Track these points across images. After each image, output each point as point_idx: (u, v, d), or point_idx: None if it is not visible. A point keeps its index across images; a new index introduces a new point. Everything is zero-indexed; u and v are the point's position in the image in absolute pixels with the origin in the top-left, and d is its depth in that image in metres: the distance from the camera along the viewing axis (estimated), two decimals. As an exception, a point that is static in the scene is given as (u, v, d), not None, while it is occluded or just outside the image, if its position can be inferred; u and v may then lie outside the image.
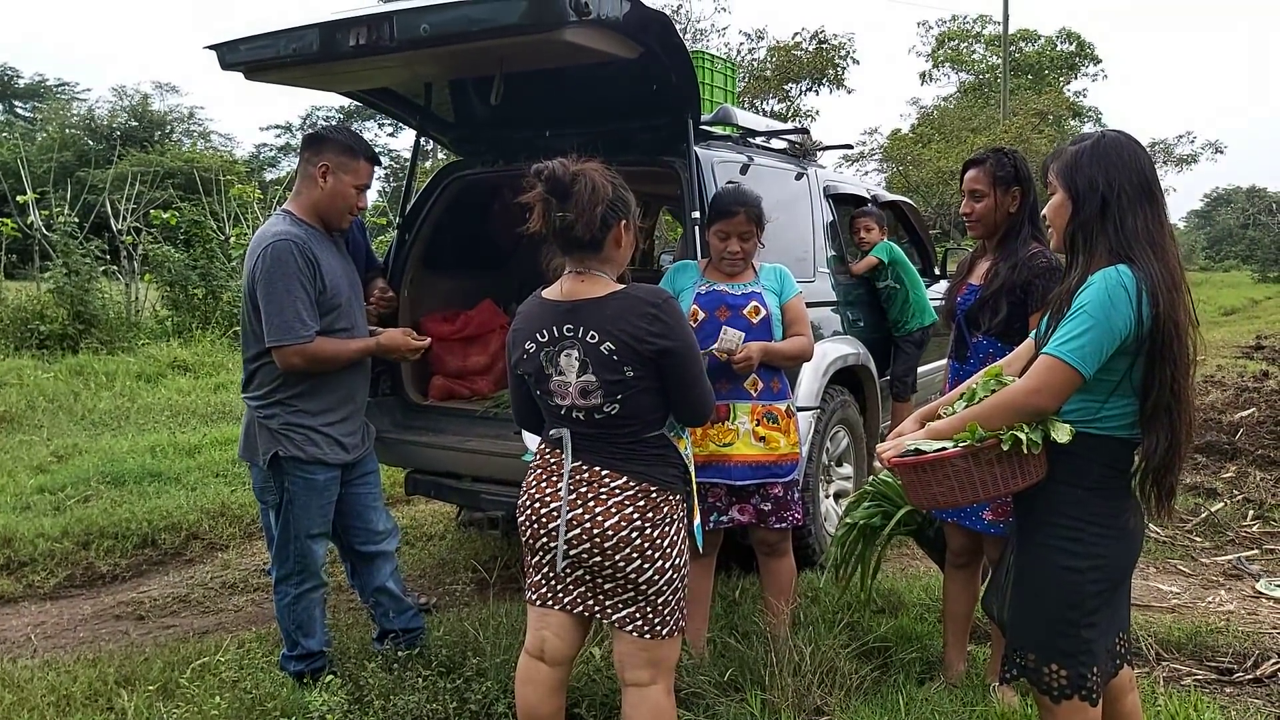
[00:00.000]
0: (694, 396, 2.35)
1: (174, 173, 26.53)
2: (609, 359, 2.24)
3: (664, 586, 2.32)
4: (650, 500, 2.30)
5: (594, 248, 2.29)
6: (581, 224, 2.23)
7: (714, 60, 4.97)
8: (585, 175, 2.23)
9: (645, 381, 2.27)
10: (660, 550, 2.30)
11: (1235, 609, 4.07)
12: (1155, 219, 2.07)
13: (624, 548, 2.27)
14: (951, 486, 2.14)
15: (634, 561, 2.28)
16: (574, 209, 2.22)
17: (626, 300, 2.27)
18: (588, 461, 2.33)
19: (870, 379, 4.88)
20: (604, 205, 2.24)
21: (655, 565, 2.30)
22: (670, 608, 2.36)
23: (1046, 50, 37.32)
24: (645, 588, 2.31)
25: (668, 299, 2.30)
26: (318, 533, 3.17)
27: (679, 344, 2.27)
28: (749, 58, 23.38)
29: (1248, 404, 8.07)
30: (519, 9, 2.90)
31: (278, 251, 2.96)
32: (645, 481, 2.31)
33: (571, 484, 2.33)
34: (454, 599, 4.28)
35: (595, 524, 2.27)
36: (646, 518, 2.29)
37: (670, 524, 2.34)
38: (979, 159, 3.12)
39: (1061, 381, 2.03)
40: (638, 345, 2.23)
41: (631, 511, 2.28)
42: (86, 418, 8.07)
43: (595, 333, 2.25)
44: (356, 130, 3.32)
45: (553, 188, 2.22)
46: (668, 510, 2.34)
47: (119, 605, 4.38)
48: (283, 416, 3.06)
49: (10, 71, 44.24)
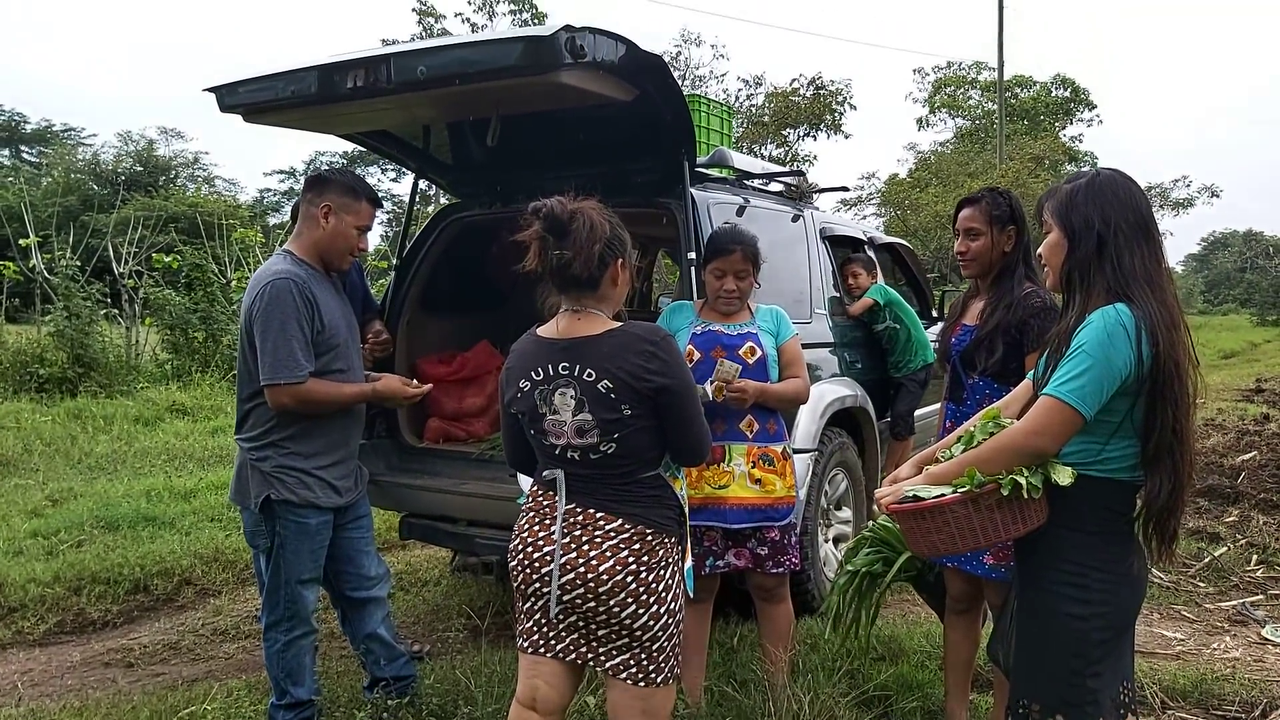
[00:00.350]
0: (691, 436, 2.31)
1: (177, 217, 26.74)
2: (606, 397, 2.21)
3: (659, 632, 2.28)
4: (646, 544, 2.26)
5: (591, 286, 2.28)
6: (579, 262, 2.22)
7: (709, 104, 5.01)
8: (583, 213, 2.23)
9: (642, 420, 2.24)
10: (656, 595, 2.26)
11: (1241, 656, 4.00)
12: (1153, 257, 2.05)
13: (619, 592, 2.22)
14: (952, 534, 2.10)
15: (629, 607, 2.23)
16: (571, 247, 2.21)
17: (624, 337, 2.24)
18: (582, 504, 2.29)
19: (869, 421, 4.85)
20: (601, 243, 2.23)
21: (650, 610, 2.25)
22: (665, 654, 2.31)
23: (1041, 96, 37.75)
24: (640, 634, 2.26)
25: (666, 336, 2.29)
26: (309, 578, 3.12)
27: (677, 382, 2.25)
28: (747, 103, 23.66)
29: (1249, 447, 8.02)
30: (516, 51, 2.93)
31: (277, 290, 2.95)
32: (641, 524, 2.27)
33: (565, 527, 2.28)
34: (447, 646, 4.22)
35: (590, 568, 2.23)
36: (642, 562, 2.24)
37: (666, 568, 2.29)
38: (974, 198, 3.11)
39: (1062, 423, 1.99)
40: (635, 383, 2.20)
41: (627, 555, 2.23)
42: (83, 461, 8.04)
43: (592, 370, 2.22)
44: (360, 175, 3.32)
45: (550, 226, 2.22)
46: (663, 554, 2.29)
47: (108, 652, 4.31)
48: (275, 459, 3.02)
49: (17, 117, 44.78)
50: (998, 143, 29.54)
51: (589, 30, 2.99)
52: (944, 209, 23.17)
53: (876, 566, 3.19)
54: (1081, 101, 37.97)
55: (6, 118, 44.26)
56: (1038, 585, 2.15)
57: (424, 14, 23.66)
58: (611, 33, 3.09)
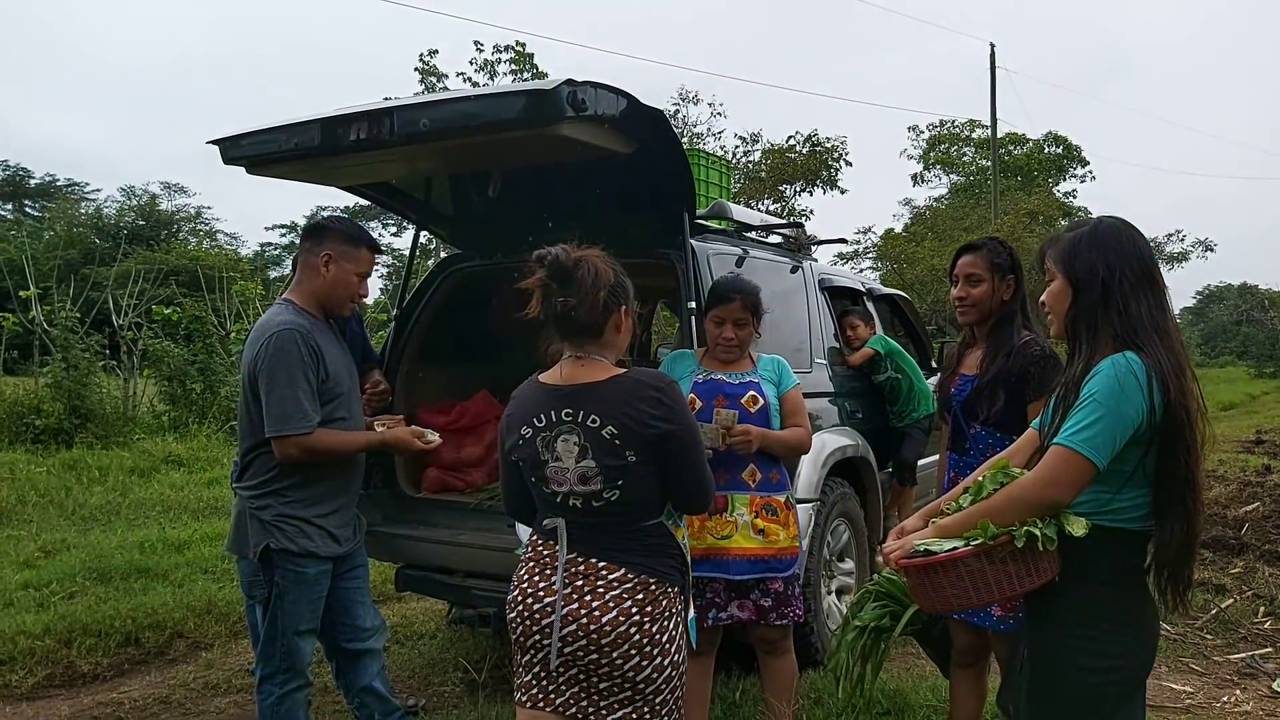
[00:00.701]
0: (695, 484, 2.30)
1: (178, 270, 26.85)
2: (610, 443, 2.20)
3: (662, 685, 2.24)
4: (649, 594, 2.23)
5: (594, 333, 2.28)
6: (583, 309, 2.23)
7: (708, 157, 5.08)
8: (587, 261, 2.24)
9: (647, 467, 2.22)
10: (659, 646, 2.22)
11: (1253, 709, 3.94)
12: (1158, 305, 2.04)
13: (622, 644, 2.18)
14: (965, 588, 2.05)
15: (632, 659, 2.19)
16: (576, 294, 2.22)
17: (628, 384, 2.23)
18: (584, 553, 2.26)
19: (870, 470, 4.83)
20: (605, 290, 2.24)
21: (654, 663, 2.21)
22: (669, 708, 2.28)
23: (1035, 153, 38.28)
24: (643, 686, 2.22)
25: (670, 383, 2.28)
26: (306, 629, 3.07)
27: (682, 428, 2.24)
28: (745, 160, 23.94)
29: (1252, 498, 7.98)
30: (519, 105, 2.97)
31: (282, 340, 2.95)
32: (644, 574, 2.24)
33: (567, 577, 2.25)
34: (443, 700, 4.14)
35: (592, 619, 2.19)
36: (645, 612, 2.21)
37: (669, 618, 2.26)
38: (974, 245, 3.14)
39: (1074, 473, 1.96)
40: (640, 429, 2.19)
41: (630, 606, 2.20)
42: (77, 512, 7.97)
43: (596, 416, 2.21)
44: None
45: (555, 273, 2.22)
46: (666, 604, 2.26)
47: (98, 706, 4.23)
48: (276, 508, 2.99)
49: (22, 172, 45.26)
50: (992, 198, 29.89)
51: (590, 84, 3.04)
52: (939, 263, 23.31)
53: (884, 621, 3.12)
54: (1074, 158, 38.50)
55: (11, 172, 44.77)
56: (1049, 638, 2.11)
57: (426, 73, 24.04)
58: (613, 87, 3.14)
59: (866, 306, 5.77)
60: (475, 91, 3.49)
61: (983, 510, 2.06)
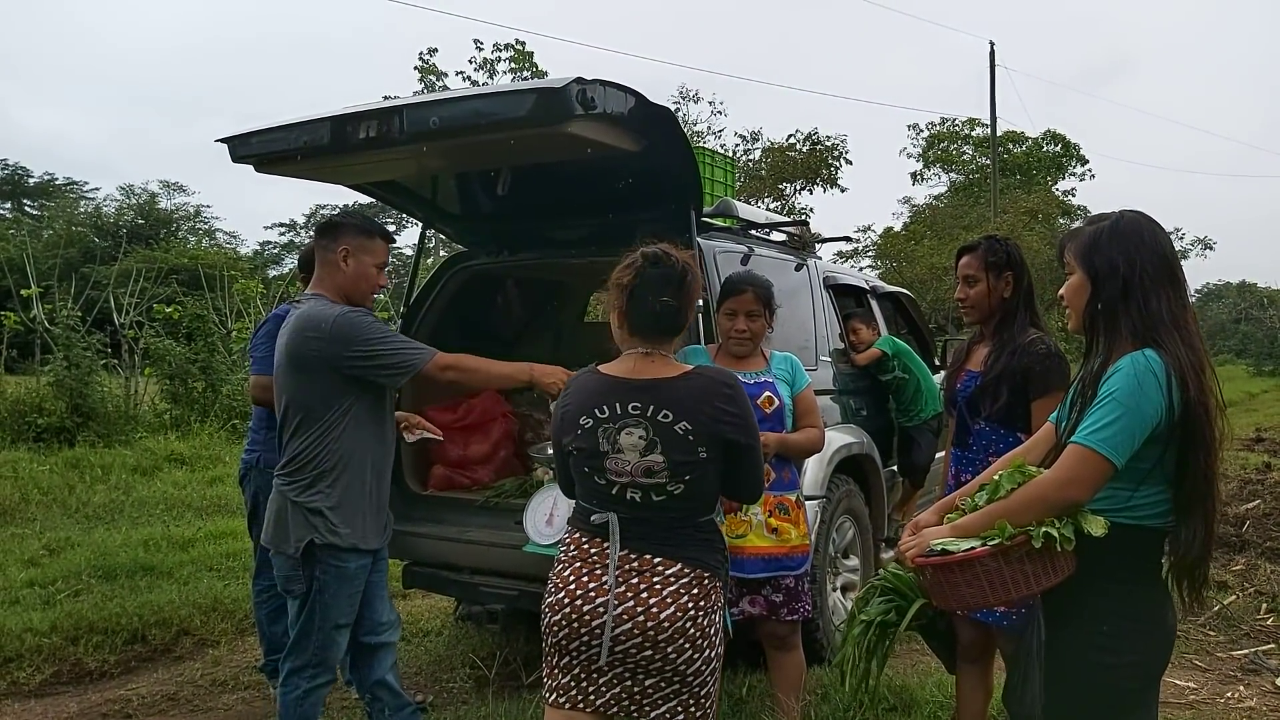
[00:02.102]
0: (755, 478, 2.40)
1: (178, 269, 26.84)
2: (684, 439, 2.22)
3: (708, 676, 2.29)
4: (704, 588, 2.27)
5: (676, 334, 2.36)
6: (686, 312, 2.34)
7: (713, 155, 5.09)
8: (692, 267, 2.35)
9: (715, 463, 2.27)
10: (708, 639, 2.27)
11: (1256, 705, 3.96)
12: (1178, 300, 2.02)
13: (678, 639, 2.21)
14: (981, 587, 2.05)
15: (685, 652, 2.22)
16: (679, 298, 2.30)
17: (702, 381, 2.29)
18: (636, 549, 2.26)
19: (875, 469, 4.85)
20: (699, 296, 2.38)
21: (704, 655, 2.26)
22: (712, 699, 2.33)
23: (1034, 151, 38.32)
24: (691, 679, 2.26)
25: (738, 382, 2.35)
26: (345, 623, 3.07)
27: (751, 426, 2.33)
28: (745, 158, 23.96)
29: (1252, 496, 7.99)
30: (528, 103, 2.98)
31: (350, 316, 2.99)
32: (699, 568, 2.28)
33: (620, 575, 2.24)
34: (451, 696, 4.16)
35: (649, 615, 2.19)
36: (700, 606, 2.25)
37: (717, 611, 2.32)
38: (972, 246, 3.18)
39: (1093, 472, 1.95)
40: (713, 426, 2.24)
41: (687, 600, 2.23)
42: (80, 511, 7.98)
43: (669, 411, 2.23)
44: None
45: (668, 277, 2.29)
46: (715, 597, 2.31)
47: (106, 703, 4.24)
48: (325, 495, 2.97)
49: (20, 171, 45.18)
50: (992, 197, 29.91)
51: (599, 82, 3.05)
52: (938, 261, 23.38)
53: (890, 616, 3.12)
54: (1073, 156, 38.53)
55: (9, 171, 44.69)
56: (1068, 636, 2.10)
57: (426, 72, 24.05)
58: (621, 85, 3.16)
59: (870, 305, 5.78)
60: (485, 90, 3.50)
61: (1000, 510, 2.05)
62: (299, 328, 3.03)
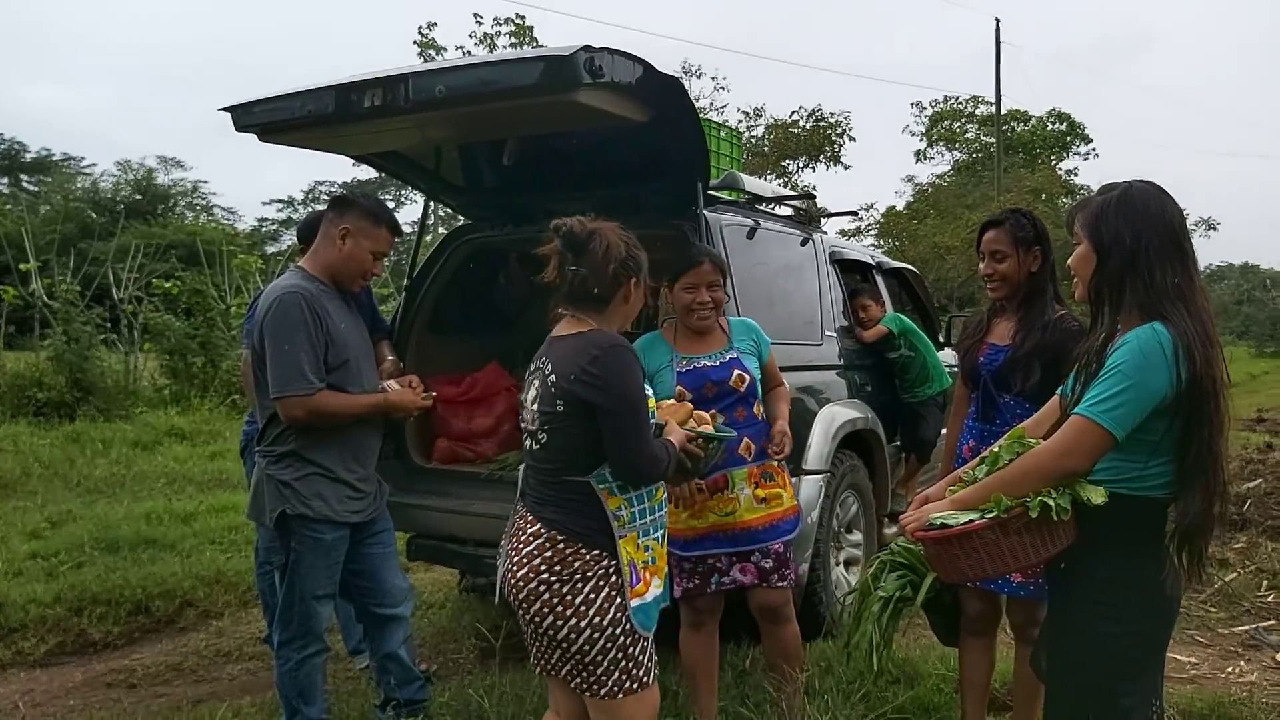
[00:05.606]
0: (622, 454, 2.23)
1: (176, 245, 26.74)
2: (549, 391, 2.27)
3: (587, 647, 2.20)
4: (557, 552, 2.22)
5: (600, 303, 2.35)
6: (594, 280, 2.31)
7: (720, 128, 5.04)
8: (600, 234, 2.31)
9: (572, 421, 2.24)
10: (574, 609, 2.19)
11: (1257, 680, 3.97)
12: (1184, 273, 2.01)
13: (534, 601, 2.21)
14: (980, 559, 2.06)
15: (547, 618, 2.21)
16: (587, 265, 2.30)
17: (580, 340, 2.29)
18: (523, 502, 2.35)
19: (879, 443, 4.84)
20: (616, 264, 2.31)
21: (570, 624, 2.19)
22: (604, 670, 2.23)
23: (1038, 130, 38.11)
24: (568, 647, 2.22)
25: (614, 346, 2.26)
26: (323, 594, 3.08)
27: (607, 397, 2.21)
28: (747, 135, 23.82)
29: (1254, 475, 8.00)
30: (536, 71, 2.95)
31: (284, 305, 2.96)
32: (554, 530, 2.24)
33: (509, 526, 2.37)
34: (456, 667, 4.17)
35: (511, 573, 2.27)
36: (554, 571, 2.20)
37: (583, 582, 2.21)
38: (997, 220, 3.10)
39: (1093, 444, 1.95)
40: (568, 383, 2.23)
41: (539, 563, 2.22)
42: (82, 484, 7.99)
43: (551, 364, 2.30)
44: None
45: (569, 243, 2.31)
46: (580, 566, 2.21)
47: (110, 673, 4.26)
48: (294, 469, 3.00)
49: (17, 146, 44.90)
50: (995, 175, 29.79)
51: (607, 51, 3.01)
52: (942, 240, 23.31)
53: (905, 591, 3.08)
54: (1077, 135, 38.34)
55: (6, 146, 44.38)
56: (1071, 606, 2.12)
57: (426, 46, 23.86)
58: (629, 54, 3.12)
59: (876, 281, 5.75)
60: (491, 57, 3.45)
61: (998, 482, 2.06)
62: (261, 300, 3.08)
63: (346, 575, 3.17)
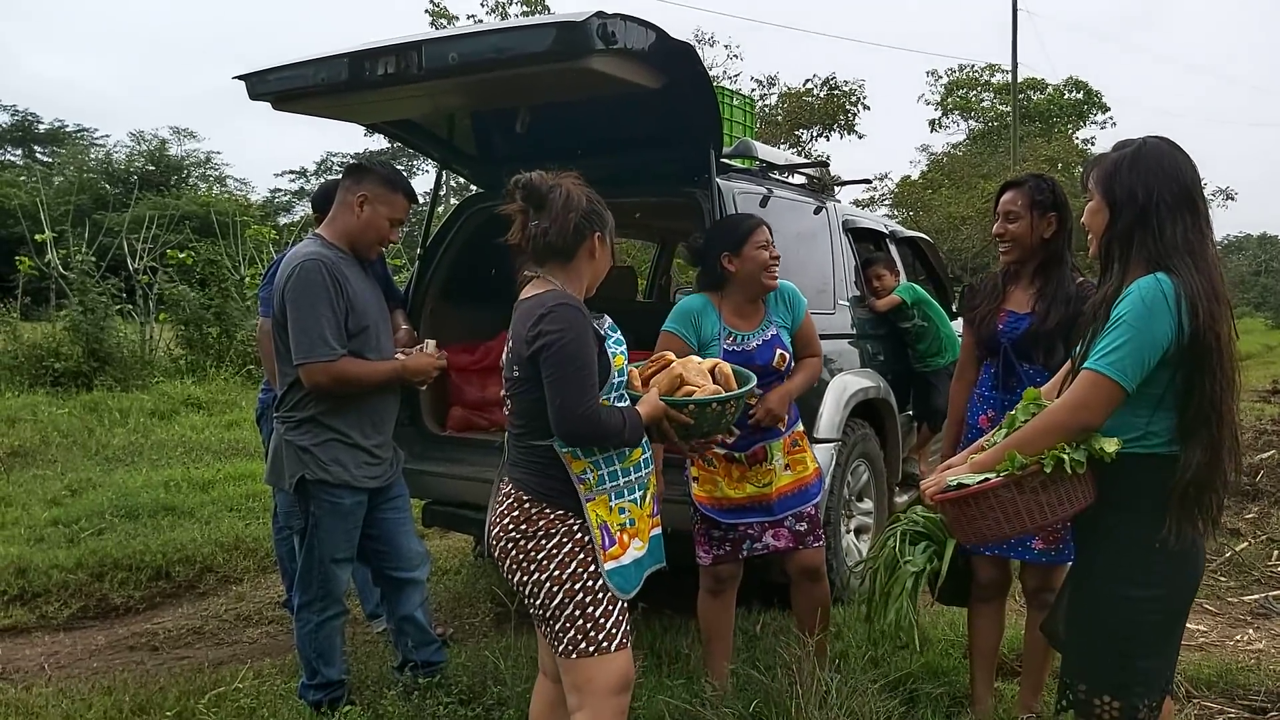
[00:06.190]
0: (560, 413, 2.17)
1: (190, 216, 26.79)
2: (509, 357, 2.31)
3: (547, 601, 2.23)
4: (523, 511, 2.27)
5: (564, 256, 2.32)
6: (554, 232, 2.28)
7: (733, 95, 5.02)
8: (561, 186, 2.30)
9: (528, 385, 2.25)
10: (539, 566, 2.23)
11: (1265, 648, 3.99)
12: (1195, 228, 2.01)
13: (505, 559, 2.28)
14: (997, 518, 2.08)
15: (515, 574, 2.27)
16: (548, 218, 2.28)
17: (534, 301, 2.27)
18: (506, 469, 2.40)
19: (890, 413, 4.85)
20: (578, 214, 2.29)
21: (533, 579, 2.24)
22: (561, 626, 2.23)
23: (1055, 98, 37.67)
24: (535, 603, 2.26)
25: (560, 305, 2.21)
26: (342, 557, 3.14)
27: (546, 355, 2.16)
28: (761, 104, 23.63)
29: (1267, 446, 7.98)
30: (549, 37, 2.94)
31: (305, 271, 2.99)
32: (521, 490, 2.29)
33: (495, 489, 2.44)
34: (472, 630, 4.24)
35: (489, 532, 2.35)
36: (521, 529, 2.26)
37: (546, 539, 2.23)
38: (1018, 181, 3.05)
39: (1105, 396, 1.97)
40: (521, 346, 2.24)
41: (507, 522, 2.28)
42: (100, 453, 8.08)
43: (513, 330, 2.32)
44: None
45: (528, 196, 2.30)
46: (545, 525, 2.24)
47: (133, 636, 4.34)
48: (313, 435, 3.04)
49: (31, 117, 44.93)
50: (1011, 144, 29.49)
51: (620, 17, 3.01)
52: (956, 210, 23.12)
53: (934, 562, 3.02)
54: (1095, 104, 37.88)
55: (19, 118, 44.42)
56: (1091, 567, 2.13)
57: (437, 14, 23.71)
58: (642, 20, 3.11)
59: (889, 250, 5.74)
60: (504, 24, 3.45)
61: (1015, 441, 2.07)
62: (283, 267, 3.09)
63: (363, 540, 3.22)
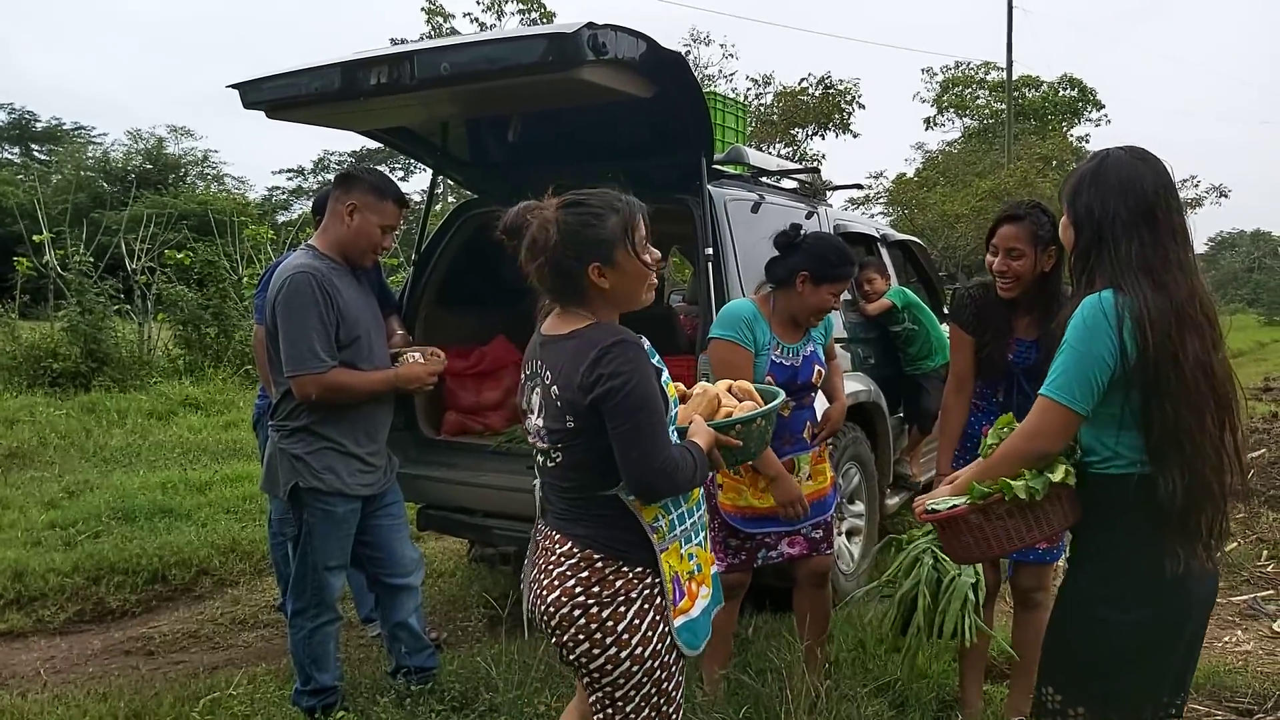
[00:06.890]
0: (635, 466, 1.90)
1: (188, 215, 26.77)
2: (555, 406, 1.98)
3: (621, 680, 1.97)
4: (596, 572, 1.96)
5: (571, 294, 2.03)
6: (549, 275, 2.00)
7: (725, 101, 5.05)
8: (527, 224, 1.99)
9: (586, 437, 1.95)
10: (614, 635, 1.94)
11: (1253, 649, 4.03)
12: (1152, 244, 1.92)
13: (568, 627, 1.96)
14: (973, 542, 2.09)
15: (581, 644, 1.96)
16: (527, 256, 2.00)
17: (579, 341, 1.96)
18: (546, 520, 2.12)
19: (881, 415, 4.89)
20: (552, 253, 1.97)
21: (608, 654, 1.95)
22: (634, 707, 1.99)
23: (1050, 96, 37.69)
24: (600, 677, 1.98)
25: (616, 343, 1.92)
26: (335, 565, 3.17)
27: (613, 403, 1.89)
28: (756, 103, 23.66)
29: (1258, 445, 8.01)
30: (540, 48, 2.98)
31: (295, 284, 3.01)
32: (590, 548, 1.98)
33: (534, 546, 2.13)
34: (465, 635, 4.27)
35: (541, 598, 2.01)
36: (591, 594, 1.95)
37: (626, 605, 1.96)
38: (1016, 215, 2.95)
39: (1056, 421, 1.93)
40: (572, 394, 1.93)
41: (574, 585, 1.96)
42: (98, 454, 8.10)
43: (550, 372, 2.00)
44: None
45: (511, 237, 2.03)
46: (622, 585, 1.96)
47: (129, 640, 4.37)
48: (306, 443, 3.06)
49: (28, 115, 44.87)
50: (1006, 142, 29.52)
51: (610, 27, 3.04)
52: (951, 208, 23.17)
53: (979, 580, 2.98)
54: (1089, 101, 37.90)
55: (16, 116, 44.37)
56: (1073, 581, 2.10)
57: (433, 13, 23.71)
58: (633, 30, 3.14)
59: (880, 253, 5.76)
60: (496, 35, 3.47)
61: (978, 470, 2.09)
62: (274, 279, 3.11)
63: (358, 546, 3.25)
